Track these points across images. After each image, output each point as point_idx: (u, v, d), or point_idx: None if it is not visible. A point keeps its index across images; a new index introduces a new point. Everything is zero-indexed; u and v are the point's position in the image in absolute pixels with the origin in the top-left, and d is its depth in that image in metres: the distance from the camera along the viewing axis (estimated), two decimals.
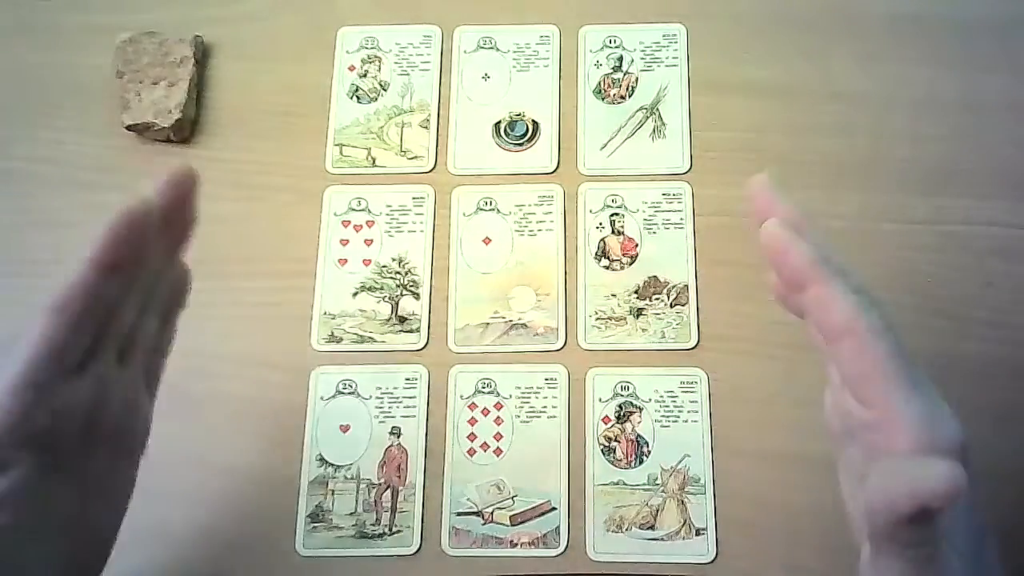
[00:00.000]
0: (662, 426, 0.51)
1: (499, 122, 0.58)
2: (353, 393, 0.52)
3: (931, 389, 0.32)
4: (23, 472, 0.33)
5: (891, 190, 0.55)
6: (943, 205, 0.55)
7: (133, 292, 0.36)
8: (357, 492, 0.50)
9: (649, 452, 0.51)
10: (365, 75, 0.60)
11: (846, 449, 0.34)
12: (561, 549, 0.49)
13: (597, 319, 0.53)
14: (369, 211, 0.56)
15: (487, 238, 0.55)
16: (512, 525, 0.49)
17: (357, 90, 0.59)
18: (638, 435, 0.51)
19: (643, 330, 0.53)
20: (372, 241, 0.56)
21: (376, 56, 0.60)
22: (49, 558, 0.35)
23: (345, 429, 0.52)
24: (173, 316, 0.40)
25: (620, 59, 0.59)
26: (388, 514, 0.50)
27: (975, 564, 0.32)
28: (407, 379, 0.52)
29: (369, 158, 0.58)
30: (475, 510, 0.50)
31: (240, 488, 0.51)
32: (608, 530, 0.49)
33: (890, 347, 0.31)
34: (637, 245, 0.55)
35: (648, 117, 0.58)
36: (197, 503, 0.50)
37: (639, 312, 0.53)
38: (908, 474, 0.29)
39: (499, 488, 0.50)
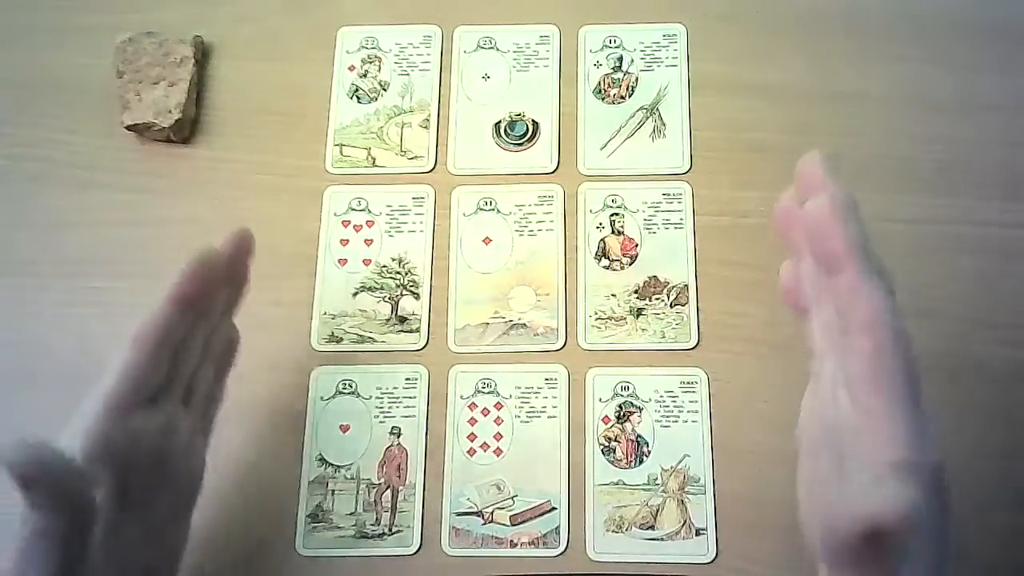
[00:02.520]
0: (662, 426, 0.51)
1: (499, 122, 0.58)
2: (353, 393, 0.52)
3: (925, 408, 0.31)
4: (106, 494, 0.36)
5: (890, 190, 0.55)
6: (942, 205, 0.55)
7: (197, 335, 0.41)
8: (357, 492, 0.50)
9: (649, 452, 0.51)
10: (365, 75, 0.60)
11: (816, 461, 0.34)
12: (561, 549, 0.49)
13: (597, 319, 0.53)
14: (369, 211, 0.56)
15: (487, 238, 0.55)
16: (512, 525, 0.49)
17: (357, 90, 0.59)
18: (638, 435, 0.51)
19: (643, 330, 0.53)
20: (372, 241, 0.56)
21: (376, 56, 0.60)
22: None
23: (345, 429, 0.52)
24: (225, 371, 0.45)
25: (620, 59, 0.59)
26: (388, 514, 0.50)
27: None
28: (407, 379, 0.52)
29: (369, 158, 0.58)
30: (475, 510, 0.50)
31: (240, 488, 0.51)
32: (608, 530, 0.49)
33: (904, 361, 0.30)
34: (637, 245, 0.55)
35: (648, 117, 0.58)
36: (197, 503, 0.50)
37: (639, 312, 0.53)
38: (866, 496, 0.29)
39: (499, 488, 0.50)
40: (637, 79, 0.59)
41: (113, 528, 0.36)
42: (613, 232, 0.55)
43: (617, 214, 0.55)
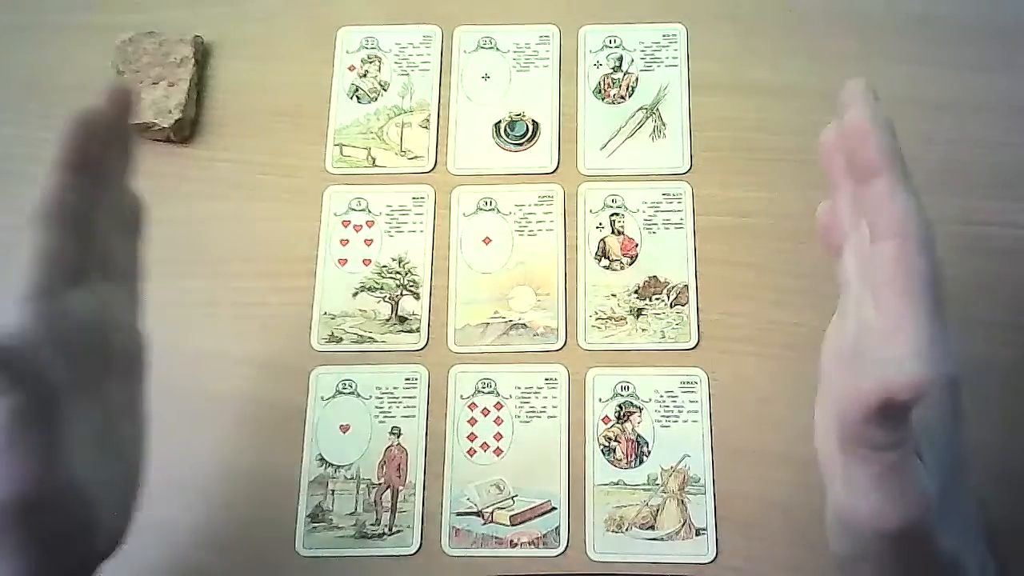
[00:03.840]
0: (662, 426, 0.51)
1: (499, 122, 0.58)
2: (353, 393, 0.52)
3: (946, 322, 0.32)
4: (55, 378, 0.34)
5: None
6: (943, 205, 0.55)
7: (98, 204, 0.38)
8: (357, 492, 0.50)
9: (649, 452, 0.51)
10: (365, 75, 0.60)
11: (832, 379, 0.34)
12: (561, 549, 0.49)
13: (597, 319, 0.53)
14: (369, 211, 0.56)
15: (487, 238, 0.55)
16: (512, 525, 0.49)
17: (357, 90, 0.59)
18: (638, 435, 0.51)
19: (643, 330, 0.53)
20: (372, 241, 0.56)
21: (376, 56, 0.60)
22: (96, 482, 0.36)
23: (345, 429, 0.52)
24: (137, 240, 0.42)
25: (620, 59, 0.59)
26: (388, 514, 0.50)
27: (947, 488, 0.31)
28: (407, 379, 0.52)
29: (369, 158, 0.58)
30: (475, 510, 0.50)
31: (240, 488, 0.51)
32: (608, 530, 0.49)
33: (929, 264, 0.32)
34: (637, 245, 0.55)
35: (648, 117, 0.58)
36: (197, 503, 0.50)
37: (639, 312, 0.53)
38: (882, 369, 0.29)
39: (499, 488, 0.50)
40: (637, 79, 0.59)
41: (73, 413, 0.35)
42: (613, 232, 0.55)
43: (617, 214, 0.55)
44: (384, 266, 0.55)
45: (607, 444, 0.51)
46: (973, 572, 0.33)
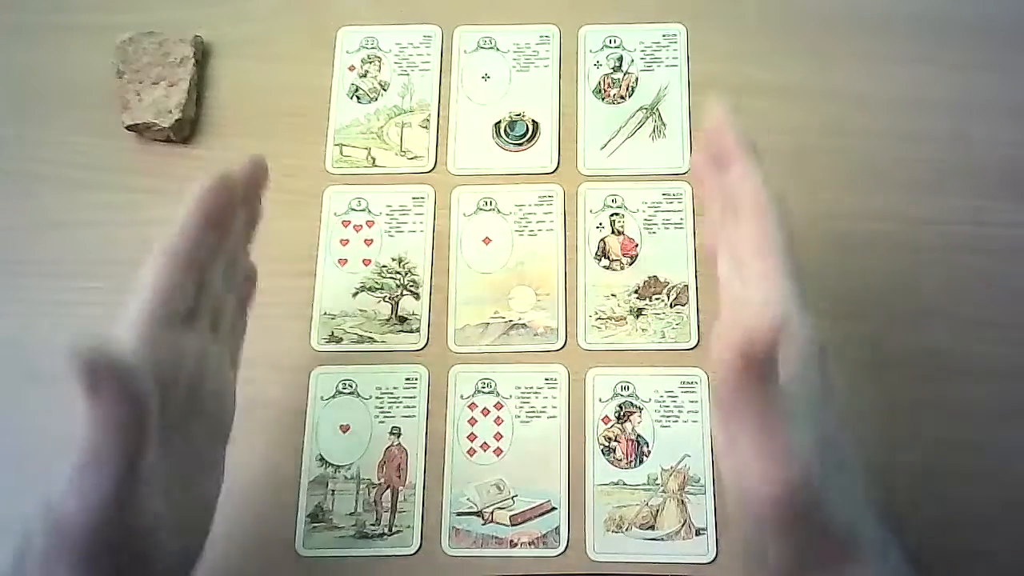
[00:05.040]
0: (662, 426, 0.51)
1: (499, 122, 0.58)
2: (353, 393, 0.52)
3: (800, 291, 0.36)
4: (155, 410, 0.34)
5: (891, 190, 0.55)
6: (943, 205, 0.55)
7: (219, 260, 0.41)
8: (357, 492, 0.50)
9: (649, 452, 0.51)
10: (365, 75, 0.60)
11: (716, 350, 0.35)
12: (561, 549, 0.49)
13: (597, 319, 0.53)
14: (369, 211, 0.56)
15: (487, 238, 0.55)
16: (512, 525, 0.49)
17: (357, 90, 0.59)
18: (638, 435, 0.51)
19: (643, 330, 0.53)
20: (372, 241, 0.56)
21: (376, 56, 0.60)
22: (166, 520, 0.36)
23: (345, 429, 0.52)
24: (246, 303, 0.45)
25: (620, 59, 0.59)
26: (388, 514, 0.50)
27: (826, 459, 0.33)
28: (407, 379, 0.52)
29: (369, 158, 0.58)
30: (475, 510, 0.50)
31: (240, 488, 0.50)
32: (608, 530, 0.49)
33: (784, 235, 0.37)
34: (637, 245, 0.55)
35: (648, 117, 0.58)
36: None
37: (639, 312, 0.53)
38: (744, 320, 0.31)
39: (499, 488, 0.50)
40: (637, 79, 0.59)
41: (159, 447, 0.35)
42: (613, 232, 0.55)
43: (617, 214, 0.55)
44: (384, 266, 0.55)
45: (607, 444, 0.51)
46: (875, 546, 0.34)
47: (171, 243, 0.38)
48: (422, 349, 0.53)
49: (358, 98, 0.59)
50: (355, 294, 0.54)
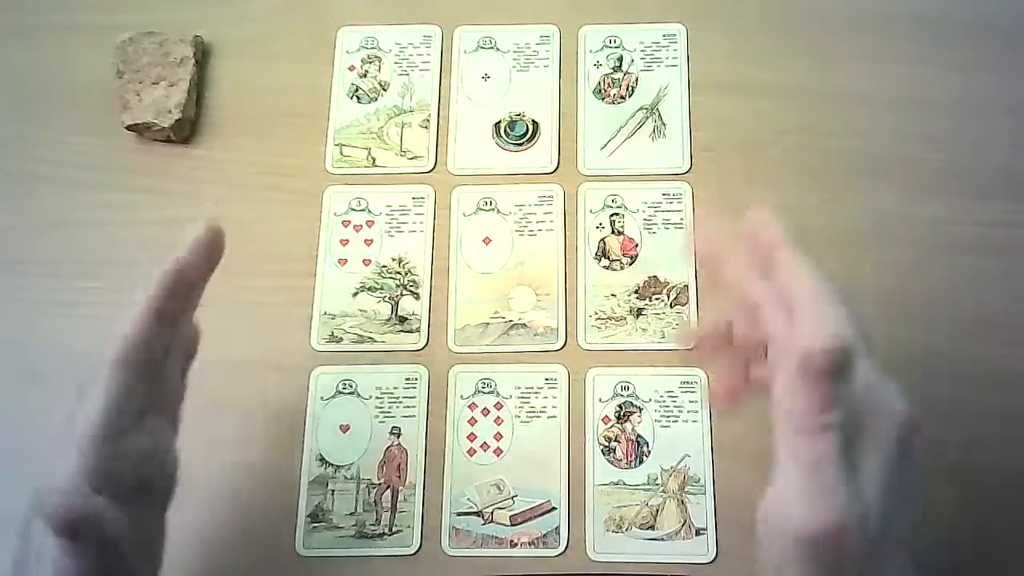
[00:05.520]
0: (662, 426, 0.51)
1: (499, 122, 0.58)
2: (353, 393, 0.52)
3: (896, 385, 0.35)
4: (118, 530, 0.36)
5: (891, 190, 0.55)
6: (943, 205, 0.55)
7: (170, 349, 0.39)
8: (357, 492, 0.50)
9: (649, 452, 0.51)
10: (365, 75, 0.60)
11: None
12: (561, 549, 0.49)
13: (597, 319, 0.53)
14: (369, 211, 0.56)
15: (487, 238, 0.55)
16: (512, 525, 0.49)
17: (357, 90, 0.59)
18: (638, 435, 0.51)
19: (643, 330, 0.53)
20: (372, 241, 0.56)
21: (376, 56, 0.60)
22: None
23: (345, 429, 0.52)
24: (187, 368, 0.43)
25: (620, 59, 0.59)
26: (388, 514, 0.50)
27: (889, 512, 0.32)
28: (407, 379, 0.52)
29: (369, 158, 0.58)
30: (475, 510, 0.50)
31: (240, 488, 0.51)
32: (608, 530, 0.49)
33: (857, 334, 0.34)
34: (637, 245, 0.55)
35: (648, 117, 0.58)
36: (197, 503, 0.50)
37: (639, 312, 0.53)
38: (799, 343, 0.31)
39: (499, 488, 0.50)
40: (637, 79, 0.59)
41: (126, 549, 0.36)
42: (613, 232, 0.55)
43: (617, 214, 0.55)
44: (384, 266, 0.55)
45: (607, 444, 0.51)
46: None
47: (120, 352, 0.37)
48: (422, 349, 0.53)
49: (358, 98, 0.59)
50: (355, 294, 0.54)
